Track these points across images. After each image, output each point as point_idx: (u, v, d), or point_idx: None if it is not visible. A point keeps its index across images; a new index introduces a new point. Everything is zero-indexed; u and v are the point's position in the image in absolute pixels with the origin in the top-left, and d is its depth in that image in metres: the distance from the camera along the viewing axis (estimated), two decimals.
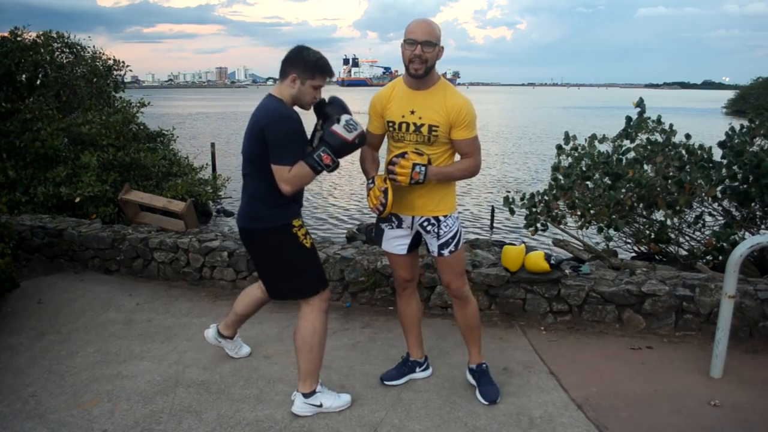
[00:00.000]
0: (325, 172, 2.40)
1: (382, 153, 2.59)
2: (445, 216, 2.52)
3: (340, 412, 2.56)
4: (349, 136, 2.34)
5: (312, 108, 2.47)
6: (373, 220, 2.94)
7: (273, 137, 2.28)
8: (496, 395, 2.64)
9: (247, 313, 2.99)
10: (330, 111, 2.44)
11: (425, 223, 2.53)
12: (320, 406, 2.54)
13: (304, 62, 2.34)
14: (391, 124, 2.48)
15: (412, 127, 2.42)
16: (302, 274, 2.50)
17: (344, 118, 2.36)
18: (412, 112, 2.41)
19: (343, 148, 2.35)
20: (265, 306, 3.72)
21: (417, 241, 2.65)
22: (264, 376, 2.90)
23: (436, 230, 2.52)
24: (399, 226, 2.60)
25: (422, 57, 2.29)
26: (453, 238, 2.53)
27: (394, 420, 2.51)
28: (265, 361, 3.07)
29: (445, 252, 2.54)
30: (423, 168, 2.36)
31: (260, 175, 2.37)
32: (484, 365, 2.74)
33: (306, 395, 2.53)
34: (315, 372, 2.54)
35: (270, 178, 2.35)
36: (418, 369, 2.87)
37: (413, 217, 2.55)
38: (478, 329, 2.70)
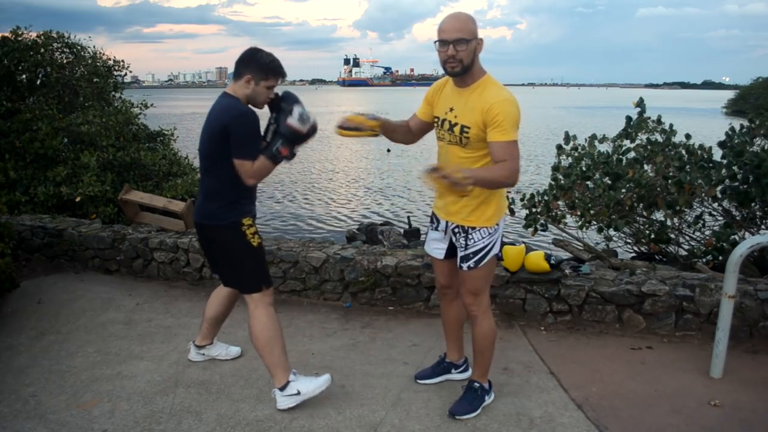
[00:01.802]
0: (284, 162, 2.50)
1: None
2: (474, 228, 2.38)
3: (340, 411, 2.56)
4: (303, 128, 2.44)
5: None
6: (373, 221, 2.93)
7: (237, 134, 2.37)
8: (464, 412, 2.54)
9: (219, 315, 2.99)
10: (284, 105, 2.51)
11: (456, 230, 2.44)
12: (298, 393, 2.56)
13: (258, 64, 2.44)
14: (436, 120, 2.44)
15: (447, 125, 2.36)
16: (246, 271, 2.60)
17: (297, 110, 2.44)
18: (451, 110, 2.34)
19: (297, 139, 2.46)
20: None
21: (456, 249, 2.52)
22: (264, 376, 2.90)
23: (462, 241, 2.42)
24: (437, 229, 2.55)
25: (456, 57, 2.19)
26: (476, 253, 2.39)
27: (394, 420, 2.51)
28: None
29: (464, 266, 2.42)
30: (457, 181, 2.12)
31: (216, 173, 2.48)
32: (476, 384, 2.59)
33: (281, 389, 2.56)
34: (281, 364, 2.57)
35: (224, 176, 2.45)
36: (454, 370, 2.85)
37: (447, 222, 2.48)
38: (483, 354, 2.55)
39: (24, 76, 7.46)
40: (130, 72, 9.15)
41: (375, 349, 3.24)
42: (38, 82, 7.56)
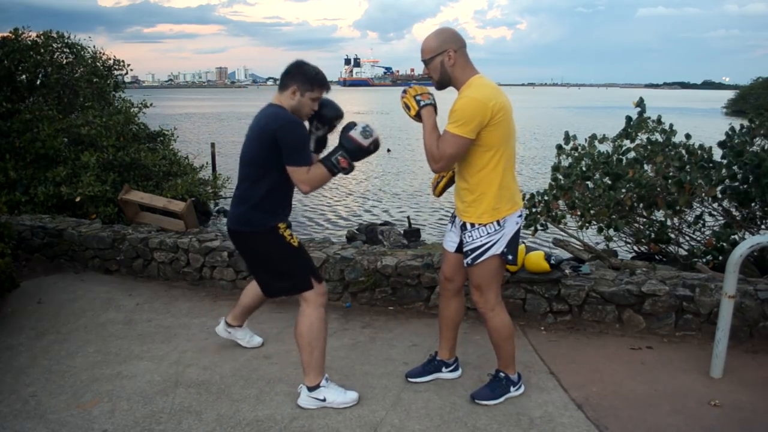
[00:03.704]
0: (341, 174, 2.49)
1: None
2: (473, 225, 2.48)
3: (339, 412, 2.56)
4: (365, 142, 2.45)
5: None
6: (373, 221, 2.95)
7: (288, 140, 2.38)
8: (485, 398, 2.62)
9: (252, 305, 3.10)
10: (325, 112, 2.60)
11: (462, 226, 2.54)
12: (324, 400, 2.57)
13: (304, 76, 2.48)
14: None
15: None
16: (293, 272, 2.59)
17: (361, 124, 2.47)
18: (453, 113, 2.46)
19: (358, 153, 2.46)
20: (264, 306, 3.73)
21: None
22: (264, 376, 2.90)
23: (464, 237, 2.53)
24: (452, 222, 2.68)
25: (429, 74, 2.46)
26: (473, 250, 2.48)
27: (394, 420, 2.51)
28: (265, 361, 3.08)
29: (465, 261, 2.53)
30: (427, 100, 2.44)
31: (260, 180, 2.49)
32: (501, 374, 2.67)
33: (310, 389, 2.58)
34: (317, 366, 2.58)
35: (269, 183, 2.48)
36: (444, 369, 2.86)
37: (457, 218, 2.60)
38: (500, 348, 2.63)
39: (24, 77, 7.46)
40: (131, 71, 9.15)
41: (375, 349, 3.24)
42: (38, 83, 7.56)
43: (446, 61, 2.38)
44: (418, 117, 2.45)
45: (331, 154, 2.46)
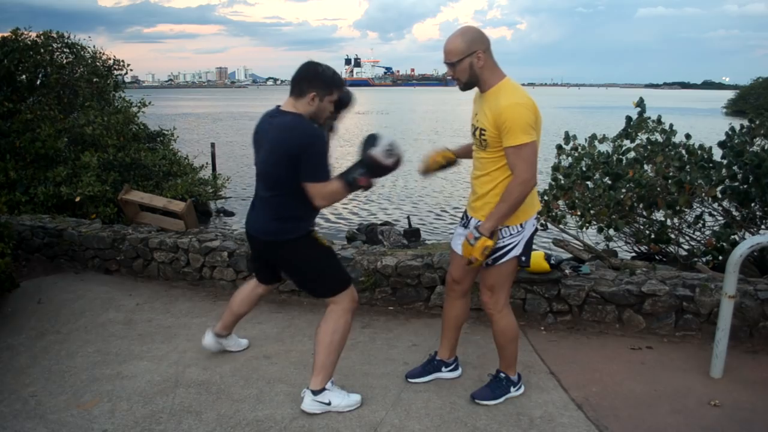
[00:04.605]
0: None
1: None
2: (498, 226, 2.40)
3: (339, 411, 2.56)
4: (387, 161, 2.33)
5: None
6: (372, 221, 2.94)
7: (311, 158, 2.31)
8: (484, 397, 2.63)
9: (245, 310, 3.02)
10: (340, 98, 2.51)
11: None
12: (329, 404, 2.54)
13: (322, 79, 2.39)
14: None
15: (472, 129, 2.47)
16: (331, 273, 2.58)
17: (385, 141, 2.34)
18: (476, 115, 2.44)
19: (379, 171, 2.37)
20: (264, 306, 3.74)
21: None
22: (264, 376, 2.90)
23: None
24: (464, 225, 2.61)
25: (454, 76, 2.36)
26: (496, 251, 2.42)
27: (394, 420, 2.51)
28: (265, 361, 3.08)
29: (485, 261, 2.45)
30: (475, 237, 2.34)
31: (289, 195, 2.41)
32: (501, 374, 2.67)
33: (315, 392, 2.55)
34: (328, 369, 2.56)
35: (299, 195, 2.38)
36: (444, 369, 2.86)
37: (472, 218, 2.54)
38: (504, 349, 2.63)
39: (24, 77, 7.46)
40: (131, 71, 9.15)
41: (375, 349, 3.24)
42: (38, 83, 7.56)
43: (476, 63, 2.30)
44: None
45: (350, 171, 2.36)
